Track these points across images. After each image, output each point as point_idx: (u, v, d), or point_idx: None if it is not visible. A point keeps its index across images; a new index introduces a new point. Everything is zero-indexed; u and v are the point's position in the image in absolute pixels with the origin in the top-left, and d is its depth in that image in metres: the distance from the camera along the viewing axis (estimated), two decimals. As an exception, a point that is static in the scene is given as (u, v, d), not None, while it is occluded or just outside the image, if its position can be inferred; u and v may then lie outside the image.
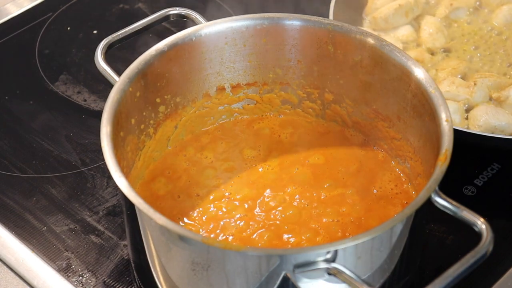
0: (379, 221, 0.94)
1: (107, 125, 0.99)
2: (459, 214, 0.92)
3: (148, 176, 1.12)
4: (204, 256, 0.91)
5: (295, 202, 1.08)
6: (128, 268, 1.11)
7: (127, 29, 1.13)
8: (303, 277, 0.89)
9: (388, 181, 1.10)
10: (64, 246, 1.14)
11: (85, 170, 1.24)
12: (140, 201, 0.92)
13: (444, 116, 0.99)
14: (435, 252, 1.11)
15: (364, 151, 1.15)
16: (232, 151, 1.15)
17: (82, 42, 1.46)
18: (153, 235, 0.95)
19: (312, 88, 1.17)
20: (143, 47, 1.10)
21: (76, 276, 1.10)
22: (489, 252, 0.89)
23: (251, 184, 1.11)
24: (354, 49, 1.10)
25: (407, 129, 1.09)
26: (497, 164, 1.23)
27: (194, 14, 1.15)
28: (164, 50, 1.09)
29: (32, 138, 1.29)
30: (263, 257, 0.89)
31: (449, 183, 1.05)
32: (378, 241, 0.91)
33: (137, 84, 1.06)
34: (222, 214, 1.07)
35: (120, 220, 1.17)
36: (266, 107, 1.19)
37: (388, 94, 1.10)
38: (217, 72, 1.15)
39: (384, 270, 0.95)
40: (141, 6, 1.53)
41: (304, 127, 1.18)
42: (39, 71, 1.41)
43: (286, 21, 1.12)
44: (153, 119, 1.11)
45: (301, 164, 1.13)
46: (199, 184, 1.11)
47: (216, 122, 1.19)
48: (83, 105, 1.35)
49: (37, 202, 1.19)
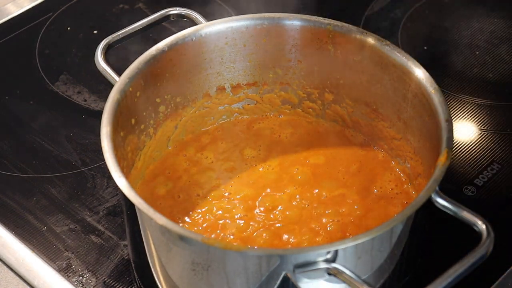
0: (379, 221, 0.94)
1: (107, 125, 0.99)
2: (459, 214, 0.92)
3: (148, 176, 1.12)
4: (204, 256, 0.91)
5: (295, 202, 1.08)
6: (128, 268, 1.11)
7: (127, 29, 1.13)
8: (303, 277, 0.89)
9: (388, 181, 1.10)
10: (64, 246, 1.14)
11: (85, 170, 1.24)
12: (140, 201, 0.92)
13: (444, 116, 0.99)
14: (435, 252, 1.11)
15: (364, 151, 1.15)
16: (232, 151, 1.15)
17: (82, 42, 1.46)
18: (153, 235, 0.95)
19: (312, 88, 1.17)
20: (143, 47, 1.10)
21: (76, 276, 1.10)
22: (489, 252, 0.89)
23: (251, 184, 1.11)
24: (354, 49, 1.10)
25: (407, 129, 1.09)
26: (497, 164, 1.23)
27: (194, 14, 1.15)
28: (164, 50, 1.09)
29: (32, 138, 1.29)
30: (263, 257, 0.89)
31: (449, 183, 1.06)
32: (378, 241, 0.91)
33: (137, 84, 1.06)
34: (222, 214, 1.07)
35: (120, 220, 1.17)
36: (266, 107, 1.19)
37: (388, 94, 1.10)
38: (217, 72, 1.15)
39: (384, 270, 0.95)
40: (141, 6, 1.53)
41: (304, 127, 1.18)
42: (39, 71, 1.41)
43: (286, 21, 1.12)
44: (153, 119, 1.11)
45: (301, 164, 1.13)
46: (199, 184, 1.11)
47: (216, 122, 1.19)
48: (83, 105, 1.35)
49: (37, 202, 1.19)
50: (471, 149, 1.25)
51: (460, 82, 1.37)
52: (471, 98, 1.34)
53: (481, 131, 1.28)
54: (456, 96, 1.34)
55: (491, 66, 1.40)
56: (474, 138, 1.27)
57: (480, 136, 1.27)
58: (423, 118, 1.03)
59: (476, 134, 1.28)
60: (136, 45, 1.36)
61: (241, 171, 1.12)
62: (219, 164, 1.14)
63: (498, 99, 1.33)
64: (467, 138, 1.27)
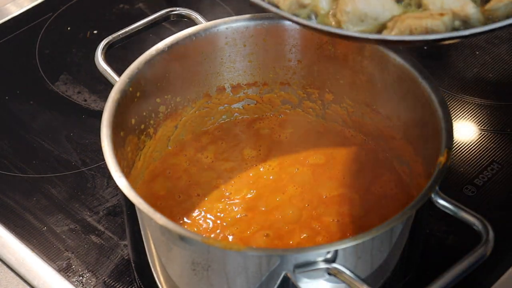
0: (379, 221, 0.94)
1: (107, 125, 0.99)
2: (459, 214, 0.92)
3: (148, 176, 1.12)
4: (205, 256, 0.91)
5: (295, 202, 1.08)
6: (128, 268, 1.11)
7: (127, 29, 1.13)
8: (303, 277, 0.89)
9: (388, 181, 1.10)
10: (64, 246, 1.14)
11: (85, 170, 1.24)
12: (140, 201, 0.92)
13: (444, 116, 0.99)
14: (435, 252, 1.11)
15: (364, 151, 1.15)
16: (232, 151, 1.15)
17: (82, 42, 1.46)
18: (153, 235, 0.95)
19: (312, 88, 1.17)
20: (143, 47, 1.10)
21: (76, 276, 1.10)
22: (489, 252, 0.89)
23: (251, 184, 1.11)
24: (354, 49, 1.10)
25: (407, 129, 1.09)
26: (497, 164, 1.23)
27: (194, 14, 1.15)
28: (164, 50, 1.09)
29: (32, 138, 1.29)
30: (263, 257, 0.89)
31: (449, 183, 1.06)
32: (378, 241, 0.91)
33: (137, 84, 1.06)
34: (222, 214, 1.07)
35: (120, 220, 1.17)
36: (266, 107, 1.19)
37: (388, 94, 1.10)
38: (217, 72, 1.15)
39: (384, 270, 0.95)
40: (141, 6, 1.53)
41: (304, 127, 1.18)
42: (39, 71, 1.41)
43: (286, 21, 1.12)
44: (153, 119, 1.11)
45: (301, 164, 1.13)
46: (199, 184, 1.11)
47: (216, 122, 1.19)
48: (83, 105, 1.35)
49: (37, 202, 1.19)
50: (471, 149, 1.25)
51: (460, 82, 1.37)
52: (471, 98, 1.34)
53: (481, 131, 1.28)
54: (456, 96, 1.34)
55: (491, 66, 1.40)
56: (474, 138, 1.27)
57: (480, 136, 1.27)
58: (423, 118, 1.03)
59: (476, 134, 1.28)
60: (136, 45, 1.36)
61: (241, 171, 1.12)
62: (219, 164, 1.13)
63: (498, 99, 1.33)
64: (467, 138, 1.27)
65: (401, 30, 0.88)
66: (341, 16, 0.91)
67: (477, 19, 0.89)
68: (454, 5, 0.90)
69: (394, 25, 0.89)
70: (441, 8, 0.90)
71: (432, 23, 0.88)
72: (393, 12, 0.90)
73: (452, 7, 0.90)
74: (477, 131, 1.28)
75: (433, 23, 0.88)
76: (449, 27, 0.89)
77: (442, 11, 0.89)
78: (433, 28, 0.88)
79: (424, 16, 0.89)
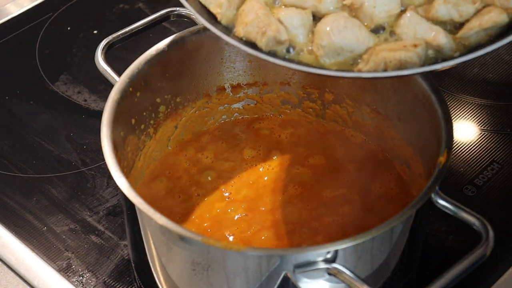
0: (379, 221, 0.94)
1: (107, 125, 0.99)
2: (459, 214, 0.92)
3: (148, 176, 1.12)
4: (205, 256, 0.91)
5: (295, 202, 1.08)
6: (129, 268, 1.11)
7: (127, 29, 1.13)
8: (303, 277, 0.89)
9: (388, 181, 1.10)
10: (64, 246, 1.14)
11: (85, 170, 1.24)
12: (140, 201, 0.92)
13: (444, 116, 0.99)
14: (435, 252, 1.11)
15: (364, 151, 1.15)
16: (232, 151, 1.15)
17: (82, 42, 1.46)
18: (153, 235, 0.95)
19: (312, 88, 1.17)
20: (143, 47, 1.10)
21: (76, 276, 1.10)
22: (489, 252, 0.89)
23: (251, 184, 1.11)
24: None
25: (407, 129, 1.09)
26: (497, 164, 1.23)
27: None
28: (164, 50, 1.09)
29: (32, 138, 1.29)
30: (263, 257, 0.89)
31: (449, 183, 1.06)
32: (378, 241, 0.91)
33: (137, 84, 1.06)
34: (222, 214, 1.07)
35: (120, 220, 1.17)
36: (266, 107, 1.19)
37: (388, 94, 1.10)
38: (217, 72, 1.15)
39: (384, 270, 0.95)
40: (141, 6, 1.53)
41: (304, 127, 1.18)
42: (39, 71, 1.41)
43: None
44: (153, 119, 1.11)
45: (301, 164, 1.13)
46: (199, 184, 1.11)
47: (216, 122, 1.19)
48: (83, 105, 1.35)
49: (37, 202, 1.19)
50: (471, 149, 1.25)
51: (460, 82, 1.37)
52: (471, 98, 1.34)
53: (481, 131, 1.28)
54: (456, 96, 1.34)
55: (491, 66, 1.40)
56: (474, 138, 1.27)
57: (480, 136, 1.27)
58: (423, 118, 1.03)
59: (476, 134, 1.28)
60: (136, 45, 1.36)
61: (241, 171, 1.12)
62: (219, 164, 1.13)
63: (498, 99, 1.33)
64: (467, 138, 1.27)
65: (376, 63, 0.89)
66: (318, 50, 0.91)
67: (450, 48, 0.90)
68: (427, 35, 0.91)
69: (369, 58, 0.90)
70: (414, 38, 0.91)
71: (405, 55, 0.89)
72: (368, 44, 0.91)
73: (425, 36, 0.91)
74: (477, 131, 1.28)
75: (407, 55, 0.89)
76: (422, 57, 0.90)
77: (415, 41, 0.90)
78: (407, 60, 0.89)
79: (397, 48, 0.89)
